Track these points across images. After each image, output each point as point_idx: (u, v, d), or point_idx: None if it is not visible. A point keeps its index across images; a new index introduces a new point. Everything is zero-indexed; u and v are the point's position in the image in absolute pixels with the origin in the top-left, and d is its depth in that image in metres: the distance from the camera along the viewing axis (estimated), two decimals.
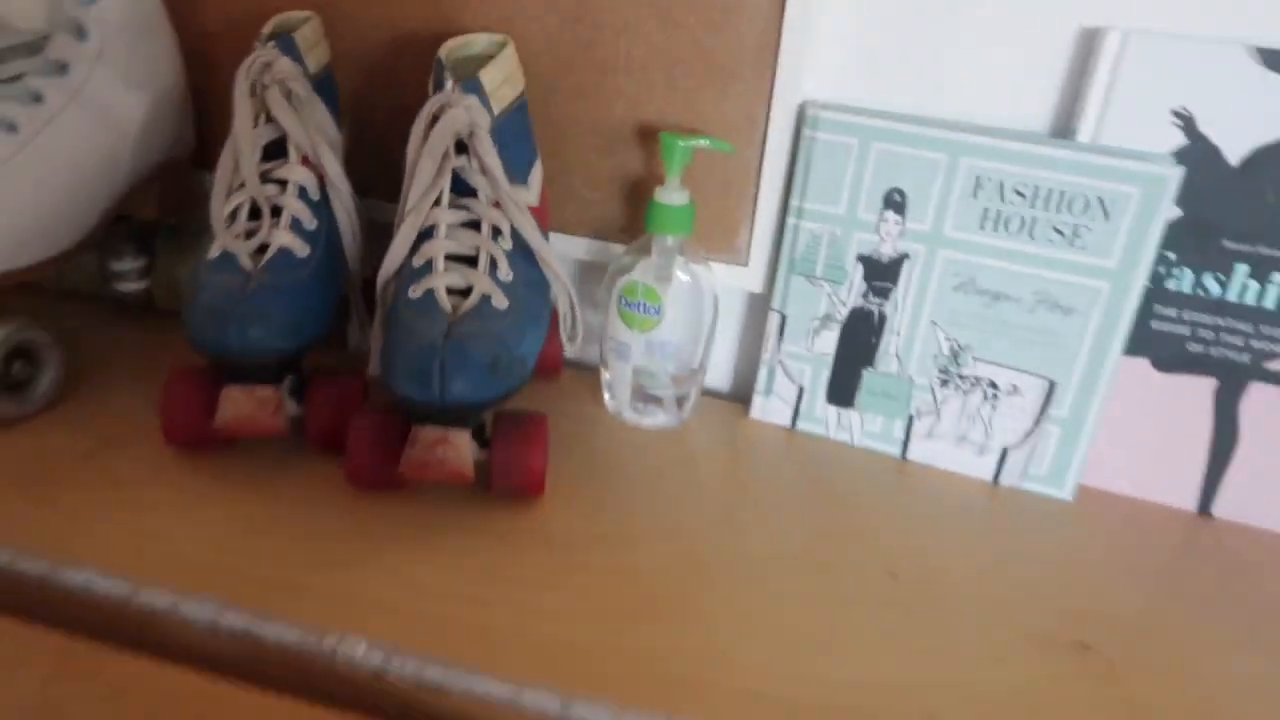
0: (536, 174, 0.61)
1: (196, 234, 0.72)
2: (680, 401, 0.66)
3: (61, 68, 0.58)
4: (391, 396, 0.51)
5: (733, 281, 0.67)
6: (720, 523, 0.56)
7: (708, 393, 0.73)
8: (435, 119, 0.53)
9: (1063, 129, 0.59)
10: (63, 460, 0.56)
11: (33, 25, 0.60)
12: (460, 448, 0.51)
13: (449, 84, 0.54)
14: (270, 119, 0.56)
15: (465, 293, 0.53)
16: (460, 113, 0.53)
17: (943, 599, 0.51)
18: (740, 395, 0.73)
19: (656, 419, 0.66)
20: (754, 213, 0.64)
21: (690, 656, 0.45)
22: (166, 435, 0.56)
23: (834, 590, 0.51)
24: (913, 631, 0.49)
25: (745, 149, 0.63)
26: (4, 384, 0.57)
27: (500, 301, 0.53)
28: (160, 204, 0.67)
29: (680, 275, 0.62)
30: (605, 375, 0.67)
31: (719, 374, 0.73)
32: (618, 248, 0.68)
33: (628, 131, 0.65)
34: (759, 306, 0.70)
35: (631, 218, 0.68)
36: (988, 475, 0.63)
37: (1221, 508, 0.61)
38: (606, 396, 0.67)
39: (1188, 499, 0.62)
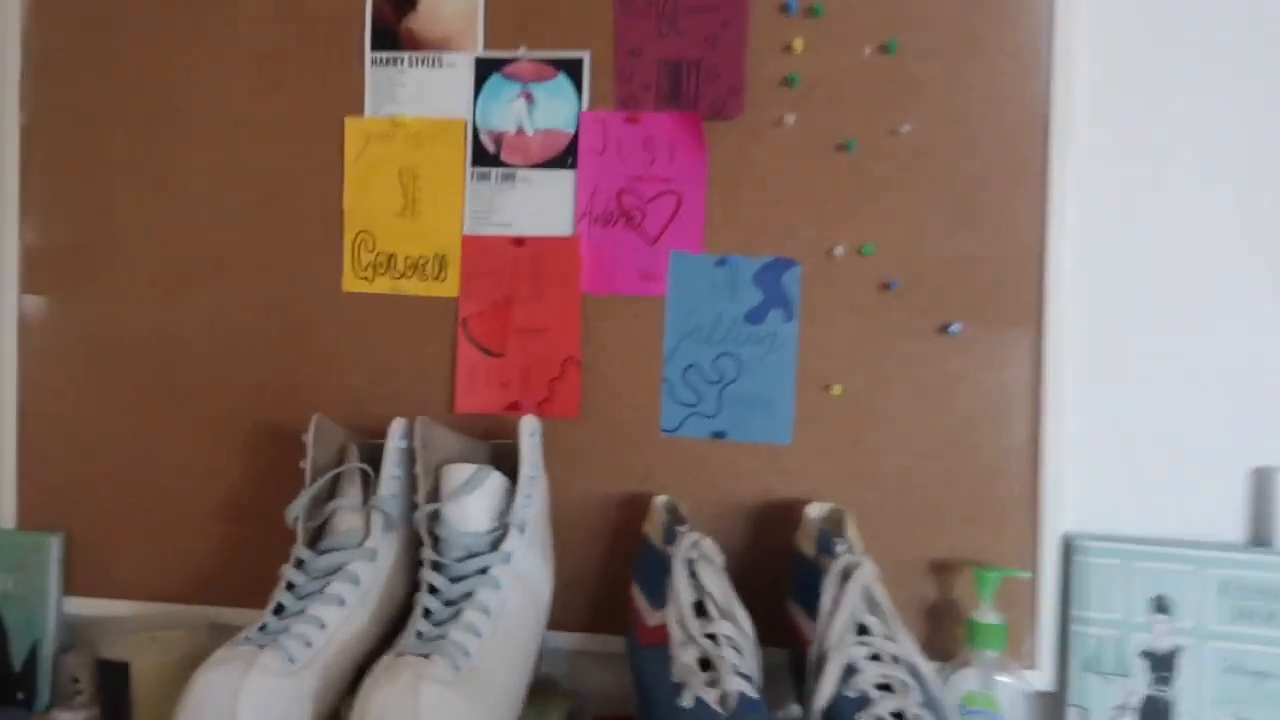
0: None
1: None
2: None
3: (507, 557, 0.72)
4: None
5: (1022, 683, 0.80)
6: None
7: None
8: (846, 576, 0.69)
9: (1258, 538, 0.80)
10: None
11: (479, 527, 0.75)
12: None
13: (840, 546, 0.70)
14: (696, 580, 0.71)
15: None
16: (866, 570, 0.69)
17: None
18: None
19: None
20: (1035, 623, 0.80)
21: None
22: None
23: None
24: None
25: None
26: None
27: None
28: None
29: (1002, 680, 0.76)
30: None
31: None
32: None
33: (921, 567, 0.82)
34: (1049, 703, 0.82)
35: (928, 636, 0.82)
36: None
37: None
38: None
39: None
